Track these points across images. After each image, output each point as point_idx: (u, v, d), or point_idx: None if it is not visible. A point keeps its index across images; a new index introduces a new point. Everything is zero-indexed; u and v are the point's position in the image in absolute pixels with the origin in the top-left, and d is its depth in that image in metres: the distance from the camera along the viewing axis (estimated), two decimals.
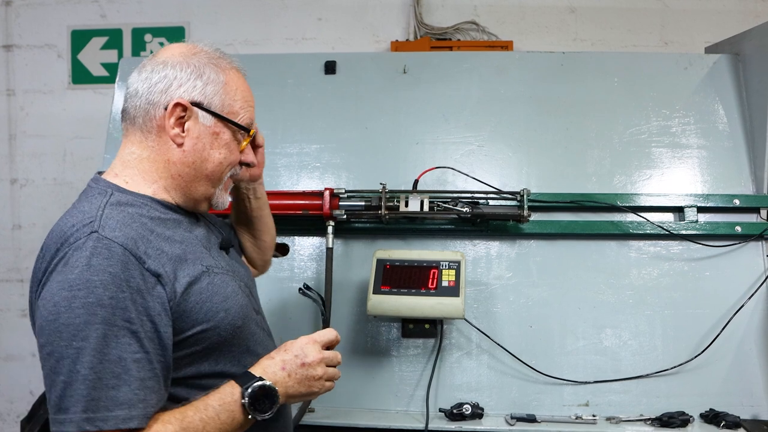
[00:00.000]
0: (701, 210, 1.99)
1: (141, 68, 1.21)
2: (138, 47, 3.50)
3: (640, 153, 2.07)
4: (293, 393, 1.19)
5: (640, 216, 1.97)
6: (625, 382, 1.89)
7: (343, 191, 1.95)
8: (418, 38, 3.36)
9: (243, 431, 1.14)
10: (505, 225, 1.98)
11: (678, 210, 2.01)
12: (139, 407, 1.01)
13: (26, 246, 3.54)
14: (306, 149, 2.13)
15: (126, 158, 1.21)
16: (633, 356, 1.92)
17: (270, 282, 2.03)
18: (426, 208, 1.92)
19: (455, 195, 1.97)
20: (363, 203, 1.95)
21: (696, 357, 1.88)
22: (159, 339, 1.06)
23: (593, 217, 2.00)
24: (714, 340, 1.88)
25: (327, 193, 1.93)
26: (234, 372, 1.18)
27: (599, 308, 1.95)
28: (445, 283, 1.79)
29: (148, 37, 3.49)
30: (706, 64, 2.13)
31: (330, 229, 1.94)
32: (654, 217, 1.98)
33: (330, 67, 2.18)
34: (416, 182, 1.98)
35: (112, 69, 3.37)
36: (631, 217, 1.98)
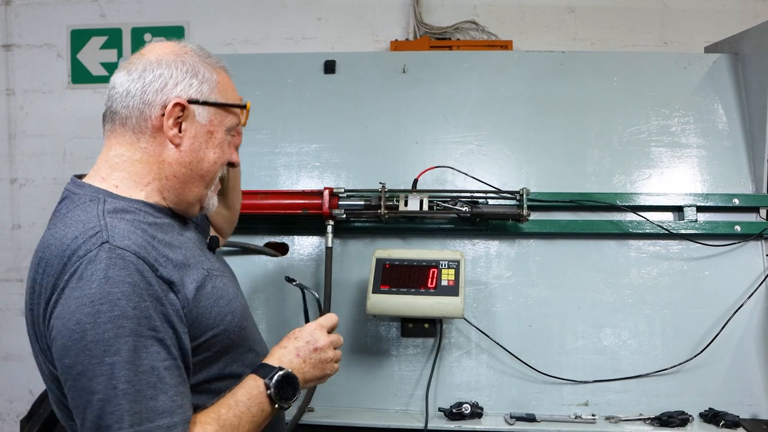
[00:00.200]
0: (701, 209, 1.99)
1: (129, 68, 1.17)
2: (138, 47, 3.43)
3: (640, 152, 2.07)
4: (310, 377, 1.22)
5: (640, 215, 1.97)
6: (625, 382, 1.89)
7: (343, 191, 1.95)
8: (418, 38, 3.36)
9: (268, 421, 1.16)
10: (505, 224, 1.98)
11: (677, 209, 2.01)
12: (179, 413, 1.01)
13: (26, 246, 3.54)
14: (305, 149, 2.13)
15: (114, 161, 1.16)
16: (632, 355, 1.92)
17: (270, 282, 2.03)
18: (425, 208, 1.92)
19: (455, 194, 1.97)
20: (362, 203, 1.95)
21: (695, 356, 1.88)
22: (180, 345, 1.06)
23: (593, 217, 2.01)
24: (713, 340, 1.88)
25: (326, 193, 1.93)
26: (240, 372, 1.17)
27: (599, 307, 1.95)
28: (445, 283, 1.79)
29: (148, 37, 3.49)
30: (706, 64, 2.13)
31: (329, 229, 1.94)
32: (653, 217, 1.98)
33: (329, 67, 2.18)
34: (416, 182, 1.99)
35: (112, 68, 3.29)
36: (631, 217, 1.99)
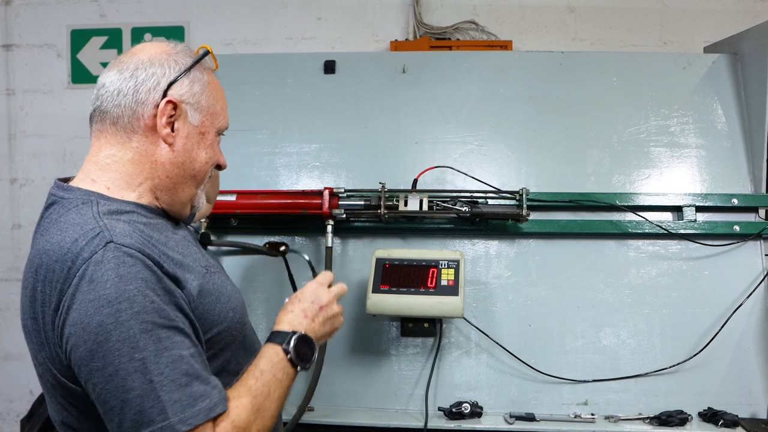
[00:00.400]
0: (700, 209, 2.00)
1: (120, 67, 1.15)
2: None
3: (639, 152, 2.07)
4: (321, 335, 1.25)
5: (639, 215, 1.97)
6: (624, 381, 1.90)
7: (343, 190, 1.95)
8: (418, 38, 3.36)
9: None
10: (504, 224, 1.99)
11: (676, 209, 2.01)
12: (216, 393, 1.03)
13: (26, 245, 3.49)
14: (305, 149, 2.13)
15: (104, 162, 1.15)
16: (632, 355, 1.92)
17: (270, 282, 2.04)
18: (425, 208, 1.92)
19: (454, 194, 1.97)
20: (362, 202, 1.95)
21: (694, 356, 1.89)
22: (197, 334, 1.08)
23: (592, 217, 2.01)
24: (712, 339, 1.89)
25: (326, 193, 1.93)
26: (238, 370, 1.17)
27: (598, 307, 1.96)
28: (444, 282, 1.80)
29: (148, 37, 3.48)
30: (705, 64, 2.13)
31: (329, 229, 1.94)
32: (653, 217, 1.98)
33: (329, 67, 2.18)
34: (415, 182, 1.99)
35: None
36: (630, 217, 1.99)
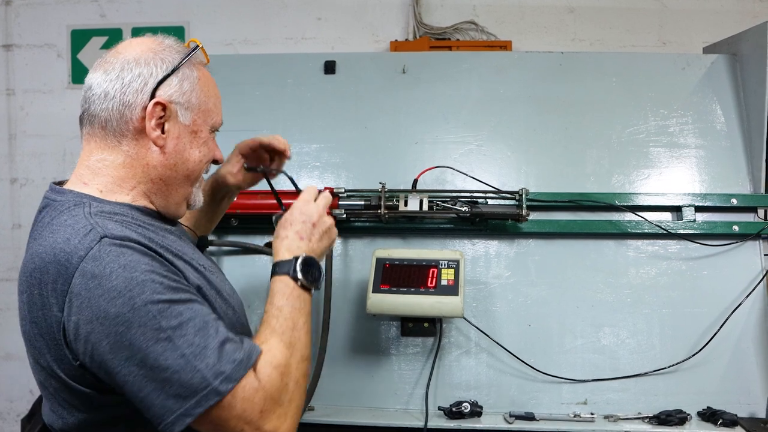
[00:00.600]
0: (699, 209, 2.00)
1: (106, 67, 1.13)
2: None
3: (638, 153, 2.08)
4: (321, 251, 1.26)
5: (638, 215, 1.97)
6: (623, 381, 1.90)
7: (343, 191, 1.96)
8: (418, 38, 3.37)
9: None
10: (504, 224, 1.99)
11: (676, 209, 2.02)
12: (246, 345, 1.04)
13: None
14: (305, 149, 2.13)
15: (95, 166, 1.12)
16: (631, 355, 1.92)
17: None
18: (425, 208, 1.93)
19: (454, 194, 1.97)
20: (362, 202, 1.96)
21: (693, 355, 1.89)
22: (208, 303, 1.09)
23: (591, 217, 2.01)
24: (711, 339, 1.89)
25: (326, 193, 1.93)
26: None
27: (597, 307, 1.96)
28: (444, 282, 1.80)
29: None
30: (704, 64, 2.14)
31: None
32: (652, 217, 1.99)
33: (329, 67, 2.18)
34: (415, 182, 1.99)
35: None
36: (630, 217, 1.99)
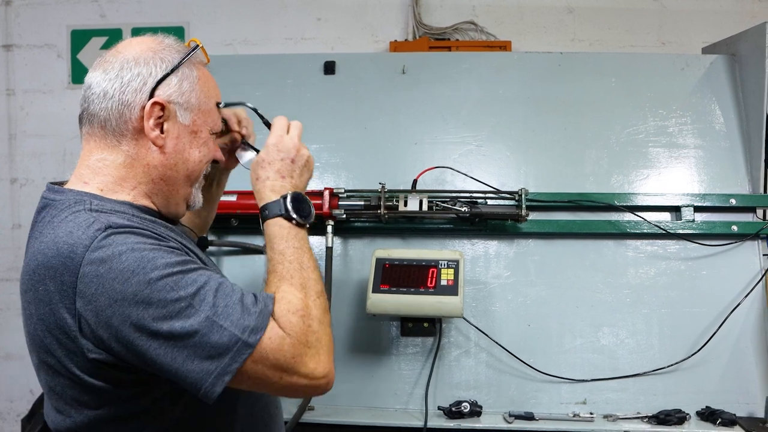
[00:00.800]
0: (698, 209, 2.00)
1: (105, 66, 1.13)
2: None
3: (638, 153, 2.08)
4: (304, 184, 1.26)
5: (638, 215, 1.98)
6: (623, 380, 1.90)
7: (343, 191, 1.96)
8: (417, 38, 3.37)
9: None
10: (504, 224, 1.99)
11: (675, 209, 2.02)
12: (260, 296, 1.05)
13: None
14: None
15: (95, 165, 1.12)
16: (630, 354, 1.93)
17: None
18: (425, 208, 1.93)
19: (454, 195, 1.98)
20: (362, 203, 1.96)
21: (692, 355, 1.89)
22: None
23: (591, 217, 2.01)
24: (710, 339, 1.89)
25: (326, 193, 1.93)
26: None
27: (597, 307, 1.97)
28: (444, 282, 1.80)
29: None
30: (703, 65, 2.14)
31: (329, 229, 1.94)
32: (651, 217, 1.99)
33: (329, 68, 2.18)
34: (415, 182, 1.99)
35: None
36: (629, 217, 2.00)
